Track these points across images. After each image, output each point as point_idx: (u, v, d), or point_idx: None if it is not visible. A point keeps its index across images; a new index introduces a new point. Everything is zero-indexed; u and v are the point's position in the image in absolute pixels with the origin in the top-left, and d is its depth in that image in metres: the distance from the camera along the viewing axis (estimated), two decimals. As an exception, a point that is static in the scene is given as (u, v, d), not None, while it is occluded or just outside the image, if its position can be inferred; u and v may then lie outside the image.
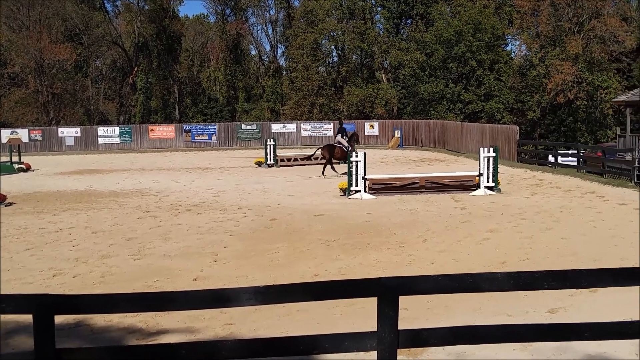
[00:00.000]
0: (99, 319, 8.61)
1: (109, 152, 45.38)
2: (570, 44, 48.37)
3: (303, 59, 57.86)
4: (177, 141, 48.11)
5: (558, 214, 16.21)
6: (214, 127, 49.66)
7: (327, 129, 48.17)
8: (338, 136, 27.46)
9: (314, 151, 29.40)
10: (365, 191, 20.27)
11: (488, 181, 20.42)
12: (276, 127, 48.85)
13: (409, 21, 58.55)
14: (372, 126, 47.65)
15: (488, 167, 20.45)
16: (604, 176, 24.46)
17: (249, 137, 48.30)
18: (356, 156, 20.53)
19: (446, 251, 12.48)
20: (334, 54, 61.43)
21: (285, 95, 63.25)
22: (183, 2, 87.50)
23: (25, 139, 46.03)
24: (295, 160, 32.80)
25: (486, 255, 12.02)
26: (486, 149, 20.91)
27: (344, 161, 24.82)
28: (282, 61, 73.03)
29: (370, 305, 5.02)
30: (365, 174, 20.43)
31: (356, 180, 20.31)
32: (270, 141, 32.54)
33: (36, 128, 49.43)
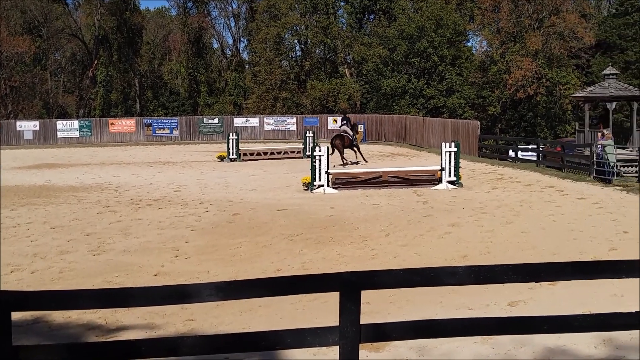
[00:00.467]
0: (58, 316, 8.49)
1: (68, 146, 44.62)
2: (530, 40, 49.02)
3: (266, 53, 57.61)
4: (137, 135, 47.48)
5: (518, 208, 16.41)
6: (176, 121, 49.14)
7: (291, 123, 48.04)
8: (344, 126, 28.92)
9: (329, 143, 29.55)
10: (328, 186, 20.27)
11: (450, 176, 20.58)
12: (239, 121, 48.53)
13: (371, 16, 58.74)
14: (335, 121, 47.61)
15: (450, 162, 20.61)
16: (563, 171, 24.84)
17: (211, 131, 47.91)
18: (319, 150, 20.52)
19: (408, 245, 12.55)
20: (297, 48, 61.31)
21: (248, 89, 62.87)
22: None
23: (-18, 133, 45.10)
24: (259, 154, 32.84)
25: (448, 249, 12.13)
26: (448, 143, 21.06)
27: (351, 149, 28.30)
28: (244, 55, 72.82)
29: (333, 299, 5.01)
30: (328, 169, 20.44)
31: (319, 174, 20.30)
32: (232, 135, 32.36)
33: (-7, 122, 48.47)
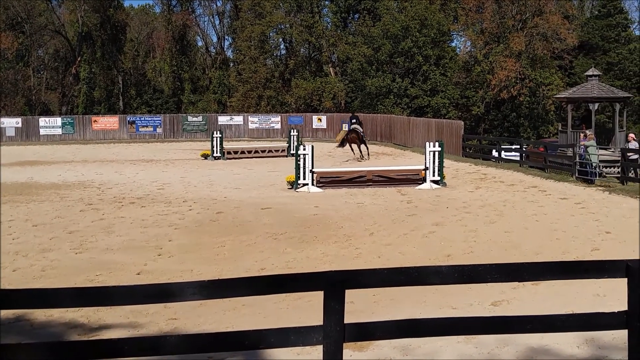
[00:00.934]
0: (40, 314, 8.43)
1: (50, 143, 44.26)
2: (513, 41, 49.29)
3: (250, 51, 57.45)
4: (121, 132, 47.17)
5: (501, 207, 16.48)
6: (159, 118, 48.91)
7: (275, 121, 47.96)
8: (354, 124, 30.32)
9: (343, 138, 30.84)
10: (312, 184, 20.26)
11: (434, 175, 20.63)
12: (223, 120, 48.37)
13: (356, 15, 58.80)
14: (320, 119, 47.65)
15: (434, 161, 20.67)
16: (546, 171, 24.96)
17: (195, 129, 47.71)
18: (304, 149, 20.50)
19: (392, 244, 12.57)
20: (281, 46, 61.28)
21: (233, 88, 62.63)
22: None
23: (-37, 130, 44.66)
24: (243, 153, 32.81)
25: (431, 248, 12.15)
26: (432, 143, 21.12)
27: (362, 145, 30.44)
28: (229, 53, 72.56)
29: (317, 299, 5.01)
30: (312, 167, 20.42)
31: (304, 173, 20.29)
32: (217, 133, 32.29)
33: (-25, 118, 47.97)
